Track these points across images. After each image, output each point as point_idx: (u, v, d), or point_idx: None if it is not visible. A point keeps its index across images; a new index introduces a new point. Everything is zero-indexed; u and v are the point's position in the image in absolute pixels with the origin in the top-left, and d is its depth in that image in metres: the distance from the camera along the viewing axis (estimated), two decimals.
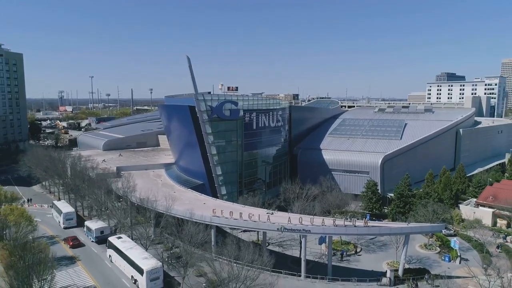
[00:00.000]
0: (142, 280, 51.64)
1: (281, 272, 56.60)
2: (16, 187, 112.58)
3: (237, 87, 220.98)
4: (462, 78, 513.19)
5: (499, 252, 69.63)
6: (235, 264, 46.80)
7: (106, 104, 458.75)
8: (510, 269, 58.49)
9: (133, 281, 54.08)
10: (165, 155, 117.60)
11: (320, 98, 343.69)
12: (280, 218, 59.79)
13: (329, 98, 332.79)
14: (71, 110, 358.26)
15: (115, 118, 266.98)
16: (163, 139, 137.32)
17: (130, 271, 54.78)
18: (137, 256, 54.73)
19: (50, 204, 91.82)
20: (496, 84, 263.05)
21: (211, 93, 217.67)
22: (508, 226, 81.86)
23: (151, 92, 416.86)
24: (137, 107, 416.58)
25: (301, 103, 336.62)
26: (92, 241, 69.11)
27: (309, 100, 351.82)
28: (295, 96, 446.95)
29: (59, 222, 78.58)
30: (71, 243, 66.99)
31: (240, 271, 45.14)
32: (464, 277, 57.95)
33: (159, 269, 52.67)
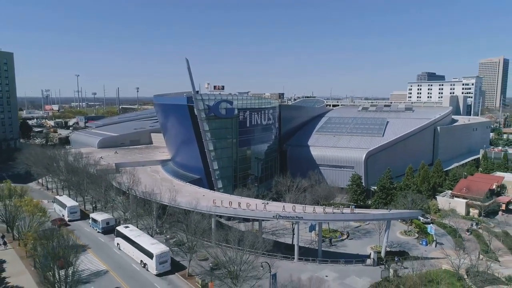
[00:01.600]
0: (151, 263, 56.85)
1: (276, 256, 62.47)
2: (12, 184, 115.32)
3: (223, 86, 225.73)
4: (441, 77, 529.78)
5: (469, 235, 77.38)
6: (236, 249, 52.15)
7: (90, 103, 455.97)
8: (478, 249, 65.98)
9: (142, 265, 59.17)
10: (159, 152, 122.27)
11: (305, 97, 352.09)
12: (275, 207, 65.80)
13: (315, 97, 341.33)
14: (57, 109, 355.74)
15: (104, 117, 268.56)
16: (156, 137, 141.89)
17: (139, 256, 59.82)
18: (146, 242, 59.90)
19: (49, 199, 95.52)
20: (473, 84, 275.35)
21: (199, 92, 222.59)
22: (479, 214, 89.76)
23: (137, 91, 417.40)
24: (123, 106, 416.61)
25: (287, 102, 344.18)
26: (99, 232, 73.69)
27: (294, 99, 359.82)
28: (281, 95, 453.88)
29: (63, 216, 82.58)
30: (59, 222, 74.47)
31: (241, 255, 50.57)
32: (439, 258, 65.08)
33: (167, 253, 58.00)
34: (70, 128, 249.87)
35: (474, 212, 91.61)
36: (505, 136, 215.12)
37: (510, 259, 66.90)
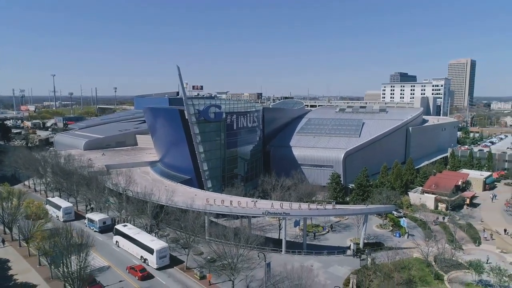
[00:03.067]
0: (152, 258, 61.54)
1: (265, 249, 68.13)
2: None
3: (202, 86, 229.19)
4: (413, 77, 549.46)
5: (435, 225, 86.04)
6: (229, 244, 57.29)
7: (63, 102, 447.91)
8: (445, 239, 73.94)
9: (143, 261, 63.67)
10: (146, 154, 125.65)
11: (284, 97, 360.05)
12: (264, 204, 71.55)
13: (292, 98, 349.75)
14: (33, 109, 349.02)
15: (83, 117, 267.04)
16: (141, 139, 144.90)
17: (139, 252, 64.32)
18: (146, 239, 64.52)
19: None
20: (442, 85, 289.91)
21: (179, 92, 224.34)
22: (446, 208, 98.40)
23: (115, 91, 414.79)
24: (100, 106, 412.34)
25: (266, 102, 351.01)
26: (95, 231, 77.37)
27: (273, 100, 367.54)
28: (259, 95, 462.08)
29: (57, 217, 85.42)
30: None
31: (238, 249, 55.79)
32: (410, 247, 72.59)
33: (166, 249, 62.84)
34: (49, 129, 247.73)
35: (442, 206, 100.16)
36: (471, 134, 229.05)
37: (472, 247, 75.26)
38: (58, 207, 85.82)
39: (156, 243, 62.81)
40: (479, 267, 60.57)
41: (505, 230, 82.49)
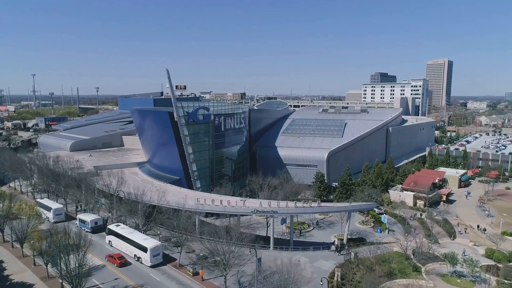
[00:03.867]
0: (146, 256, 63.73)
1: (254, 246, 71.17)
2: None
3: (185, 86, 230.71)
4: (393, 77, 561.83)
5: (413, 220, 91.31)
6: (221, 242, 60.09)
7: (42, 102, 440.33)
8: (422, 234, 78.65)
9: (136, 259, 65.78)
10: (133, 155, 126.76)
11: (267, 98, 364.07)
12: (252, 203, 74.63)
13: (276, 98, 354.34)
14: (13, 109, 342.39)
15: (65, 118, 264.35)
16: (127, 140, 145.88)
17: (133, 251, 66.37)
18: (139, 238, 66.65)
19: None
20: (420, 86, 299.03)
21: (162, 92, 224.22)
22: (424, 205, 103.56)
23: (97, 91, 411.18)
24: (81, 106, 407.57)
25: (250, 102, 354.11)
26: (87, 231, 78.79)
27: (257, 100, 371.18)
28: (243, 95, 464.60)
29: (47, 218, 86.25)
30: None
31: (226, 247, 58.58)
32: (391, 242, 76.97)
33: (159, 247, 65.18)
34: (31, 130, 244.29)
35: (420, 203, 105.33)
36: (448, 134, 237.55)
37: (447, 241, 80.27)
38: (48, 208, 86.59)
39: (150, 242, 65.08)
40: (454, 259, 65.27)
41: (478, 226, 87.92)
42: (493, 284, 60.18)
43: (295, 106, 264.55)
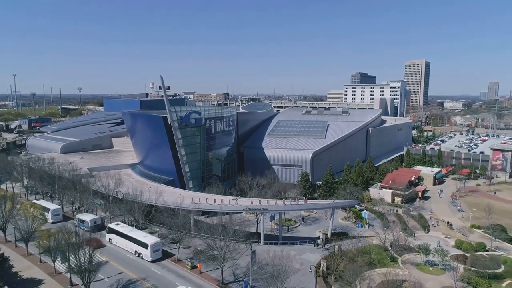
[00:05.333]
0: (146, 252, 68.57)
1: (246, 241, 76.73)
2: None
3: (169, 86, 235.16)
4: (373, 77, 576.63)
5: (390, 213, 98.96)
6: (217, 238, 65.38)
7: (20, 101, 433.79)
8: (399, 228, 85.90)
9: (137, 255, 70.52)
10: (124, 156, 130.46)
11: (251, 98, 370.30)
12: (244, 202, 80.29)
13: (259, 98, 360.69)
14: None
15: (49, 119, 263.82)
16: (116, 141, 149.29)
17: (133, 248, 71.03)
18: (140, 235, 71.45)
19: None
20: (398, 87, 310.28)
21: (147, 93, 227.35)
22: (402, 202, 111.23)
23: (80, 91, 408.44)
24: (64, 106, 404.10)
25: (235, 103, 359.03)
26: (87, 230, 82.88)
27: (241, 101, 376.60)
28: (226, 96, 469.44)
29: (45, 219, 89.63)
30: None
31: (223, 242, 63.92)
32: (371, 236, 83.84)
33: (159, 243, 70.12)
34: (14, 132, 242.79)
35: (398, 200, 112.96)
36: (425, 133, 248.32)
37: (422, 234, 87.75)
38: (46, 209, 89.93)
39: (150, 239, 69.96)
40: (426, 250, 72.60)
41: (447, 222, 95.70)
42: (461, 271, 67.40)
43: (278, 107, 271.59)
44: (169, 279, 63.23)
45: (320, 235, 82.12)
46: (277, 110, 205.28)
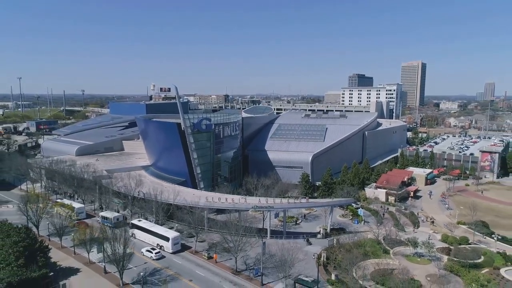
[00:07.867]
0: (167, 244, 77.64)
1: (257, 235, 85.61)
2: None
3: (169, 88, 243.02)
4: (370, 78, 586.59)
5: (384, 211, 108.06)
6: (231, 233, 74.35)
7: (18, 102, 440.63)
8: (391, 224, 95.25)
9: (159, 247, 79.43)
10: (135, 158, 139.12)
11: (251, 100, 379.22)
12: (252, 200, 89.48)
13: (259, 100, 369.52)
14: (1, 113, 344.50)
15: (55, 121, 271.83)
16: (127, 144, 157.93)
17: (155, 241, 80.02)
18: (161, 230, 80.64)
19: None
20: (394, 90, 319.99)
21: (150, 96, 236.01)
22: (395, 200, 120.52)
23: (83, 93, 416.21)
24: (67, 108, 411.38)
25: (236, 105, 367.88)
26: (110, 227, 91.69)
27: (242, 103, 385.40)
28: (226, 97, 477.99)
29: (70, 216, 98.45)
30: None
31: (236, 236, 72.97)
32: (366, 231, 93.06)
33: (179, 237, 79.30)
34: (23, 134, 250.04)
35: (391, 199, 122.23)
36: (420, 135, 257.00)
37: (412, 229, 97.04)
38: (72, 207, 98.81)
39: (171, 233, 79.09)
40: (415, 243, 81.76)
41: (430, 218, 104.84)
42: (445, 261, 76.63)
43: (278, 109, 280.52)
44: (190, 268, 72.28)
45: (320, 230, 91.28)
46: (277, 113, 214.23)
